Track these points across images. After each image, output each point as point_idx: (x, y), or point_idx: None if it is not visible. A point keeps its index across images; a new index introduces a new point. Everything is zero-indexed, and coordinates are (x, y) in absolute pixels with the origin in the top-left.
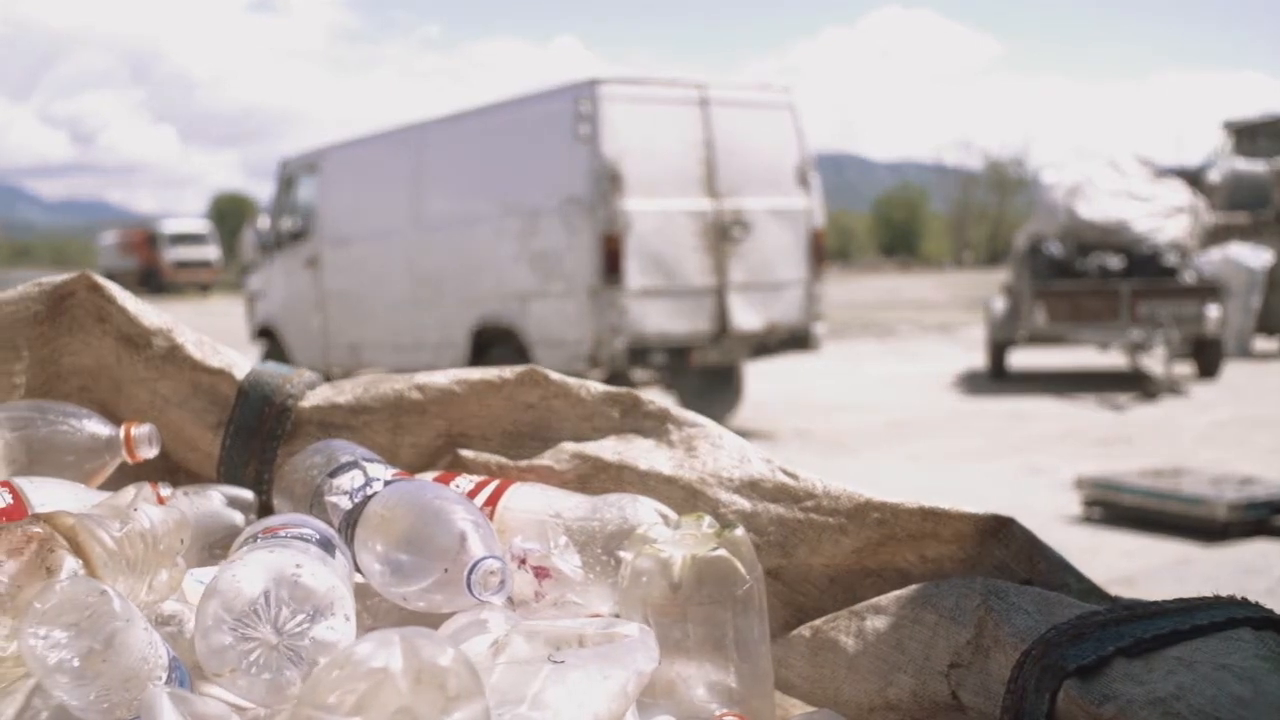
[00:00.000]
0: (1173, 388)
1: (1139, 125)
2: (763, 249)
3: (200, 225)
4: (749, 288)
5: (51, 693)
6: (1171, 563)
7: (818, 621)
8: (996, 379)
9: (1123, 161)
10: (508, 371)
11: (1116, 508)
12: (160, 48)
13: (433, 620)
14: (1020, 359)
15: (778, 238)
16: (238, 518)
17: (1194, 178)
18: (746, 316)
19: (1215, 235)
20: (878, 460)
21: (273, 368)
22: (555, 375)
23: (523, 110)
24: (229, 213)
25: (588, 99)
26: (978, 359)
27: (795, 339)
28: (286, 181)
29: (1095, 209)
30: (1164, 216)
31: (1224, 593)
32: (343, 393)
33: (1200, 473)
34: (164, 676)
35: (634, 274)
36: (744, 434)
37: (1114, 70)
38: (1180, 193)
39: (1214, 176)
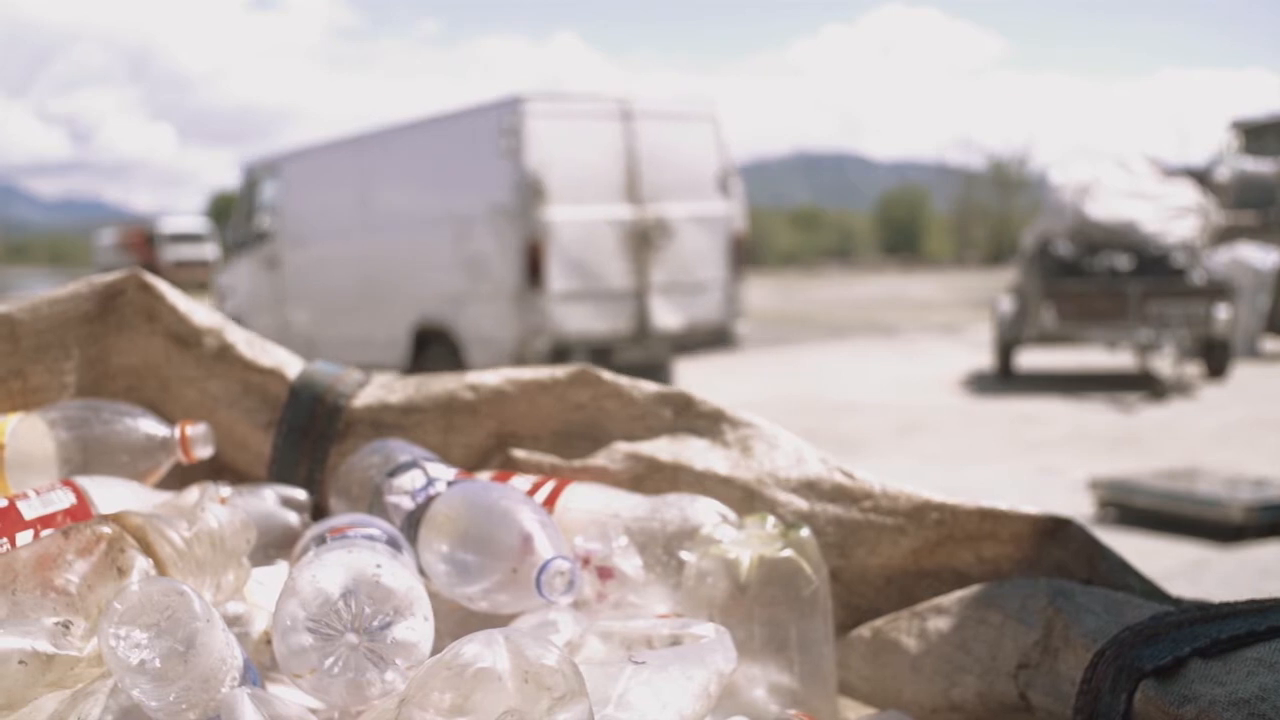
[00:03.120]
0: (1181, 388)
1: (1142, 124)
2: (684, 253)
3: (198, 224)
4: (670, 289)
5: (129, 693)
6: (1187, 564)
7: (878, 622)
8: (1004, 379)
9: (1131, 161)
10: (559, 371)
11: (1130, 509)
12: (157, 45)
13: (495, 621)
14: (1027, 359)
15: (699, 242)
16: (292, 518)
17: (1201, 177)
18: (667, 317)
19: (1223, 235)
20: (889, 461)
21: (323, 367)
22: (607, 375)
23: (456, 125)
24: (227, 211)
25: (512, 115)
26: (984, 359)
27: (717, 337)
28: (251, 183)
29: (1104, 209)
30: (1173, 217)
31: (1241, 595)
32: (394, 392)
33: (1214, 474)
34: (239, 677)
35: (556, 278)
36: None
37: (1117, 68)
38: (1189, 193)
39: (1221, 176)
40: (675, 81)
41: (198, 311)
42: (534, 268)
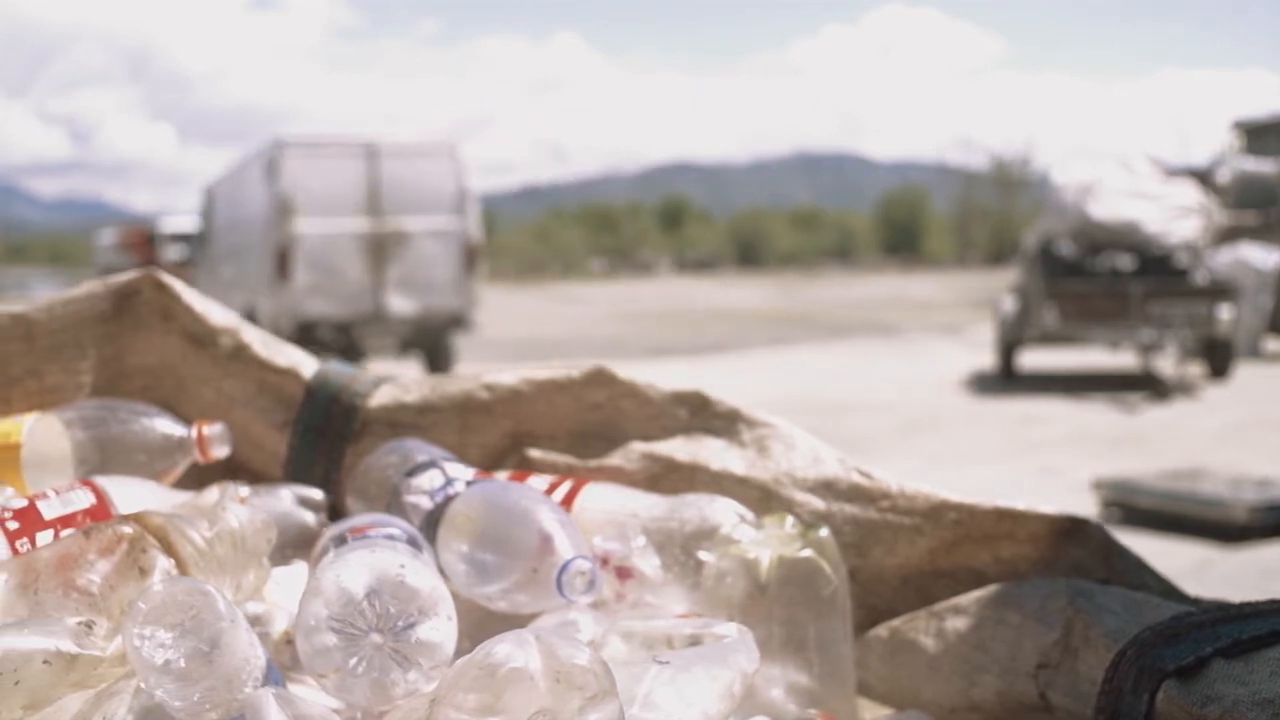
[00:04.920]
0: (1184, 389)
1: (1142, 124)
2: (420, 256)
3: (199, 224)
4: (405, 284)
5: (153, 693)
6: (1192, 565)
7: (895, 622)
8: (1006, 379)
9: (1134, 161)
10: (575, 371)
11: (1134, 510)
12: (157, 45)
13: (515, 621)
14: (1029, 359)
15: (434, 248)
16: (309, 517)
17: (1203, 177)
18: (402, 305)
19: (1225, 235)
20: (892, 461)
21: (338, 367)
22: (623, 375)
23: (255, 162)
24: None
25: (274, 154)
26: (985, 359)
27: (453, 322)
28: (207, 201)
29: (1106, 209)
30: (1175, 217)
31: (1246, 595)
32: (409, 392)
33: (1217, 474)
34: (261, 678)
35: (301, 274)
36: None
37: (1117, 69)
38: (1191, 193)
39: (1223, 176)
40: (674, 81)
41: (213, 311)
42: (283, 265)
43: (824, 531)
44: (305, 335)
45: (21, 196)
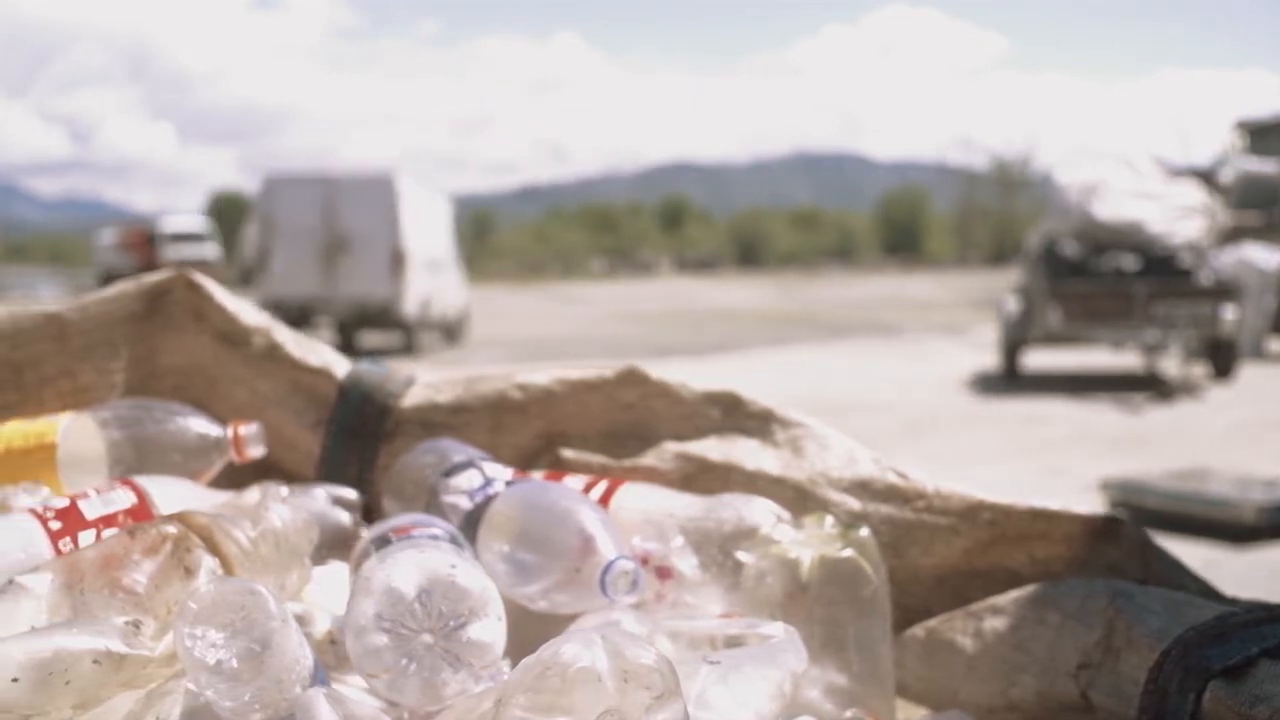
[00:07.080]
0: (1188, 389)
1: (1143, 124)
2: (361, 256)
3: (199, 223)
4: (348, 277)
5: (204, 693)
6: (1200, 566)
7: (931, 622)
8: (1009, 379)
9: (1137, 161)
10: (607, 371)
11: (1141, 510)
12: (157, 45)
13: (553, 619)
14: (1032, 360)
15: (372, 251)
16: (344, 517)
17: (1206, 177)
18: (345, 290)
19: (1228, 236)
20: (896, 461)
21: (370, 366)
22: (655, 375)
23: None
24: (227, 211)
25: (266, 184)
26: (987, 359)
27: (384, 307)
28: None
29: (1109, 209)
30: (1179, 217)
31: (1258, 597)
32: (442, 392)
33: (1224, 475)
34: (309, 678)
35: (277, 265)
36: None
37: (1117, 68)
38: (1195, 193)
39: (1226, 176)
40: (674, 81)
41: (245, 311)
42: (264, 259)
43: (864, 531)
44: (275, 309)
45: (21, 196)
